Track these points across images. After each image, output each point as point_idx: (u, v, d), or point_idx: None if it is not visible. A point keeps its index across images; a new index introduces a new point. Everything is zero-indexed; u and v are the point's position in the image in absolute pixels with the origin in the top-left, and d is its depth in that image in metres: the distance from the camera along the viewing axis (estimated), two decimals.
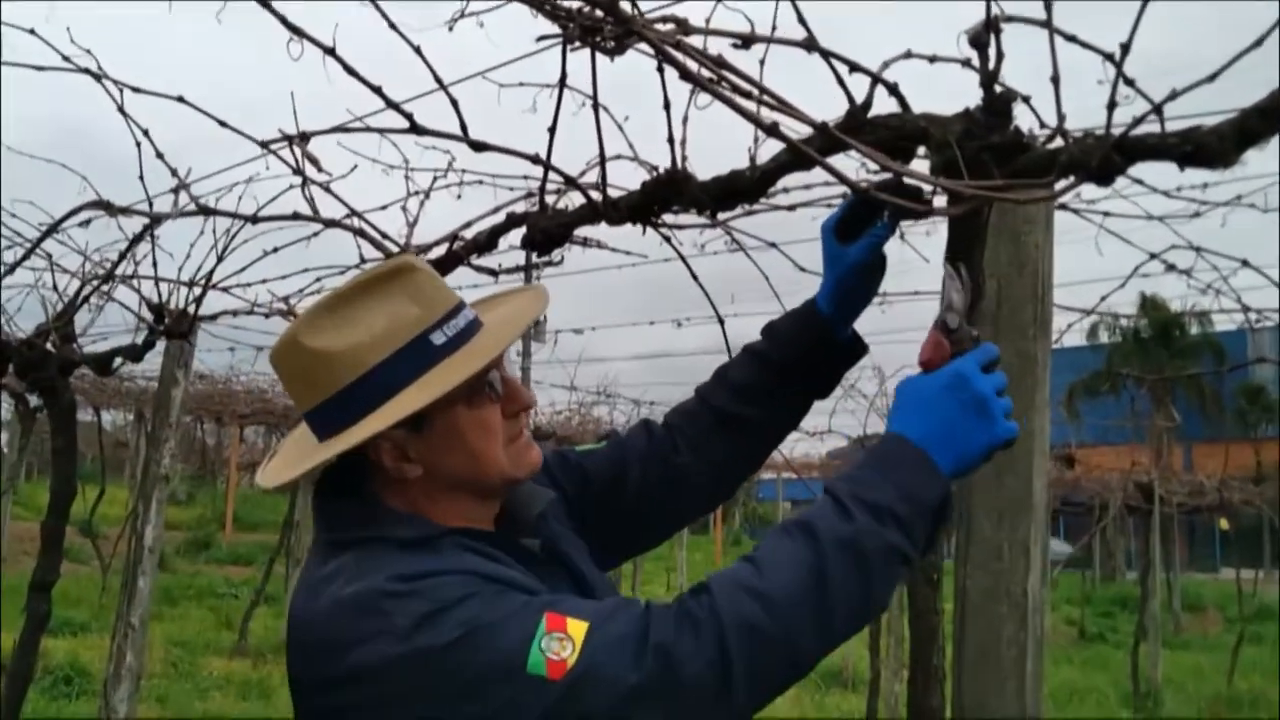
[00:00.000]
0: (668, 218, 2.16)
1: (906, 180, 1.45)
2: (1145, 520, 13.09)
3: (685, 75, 1.27)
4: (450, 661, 1.16)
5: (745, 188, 1.81)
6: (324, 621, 1.24)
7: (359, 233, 2.49)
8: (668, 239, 2.41)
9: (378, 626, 1.19)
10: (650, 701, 1.15)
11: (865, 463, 1.35)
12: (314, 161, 2.07)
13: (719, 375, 1.76)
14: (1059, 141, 1.46)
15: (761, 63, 1.81)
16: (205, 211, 2.67)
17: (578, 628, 1.18)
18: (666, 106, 1.87)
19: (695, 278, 2.54)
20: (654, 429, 1.75)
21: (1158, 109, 1.35)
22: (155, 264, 3.34)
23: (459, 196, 2.80)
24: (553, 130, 2.00)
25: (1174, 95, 1.31)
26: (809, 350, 1.69)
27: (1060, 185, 1.45)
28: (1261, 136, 1.31)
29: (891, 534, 1.26)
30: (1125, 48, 1.31)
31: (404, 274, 1.40)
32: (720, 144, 2.06)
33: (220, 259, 3.16)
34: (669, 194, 1.92)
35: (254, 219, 2.58)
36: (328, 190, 2.36)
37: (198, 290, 3.36)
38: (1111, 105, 1.34)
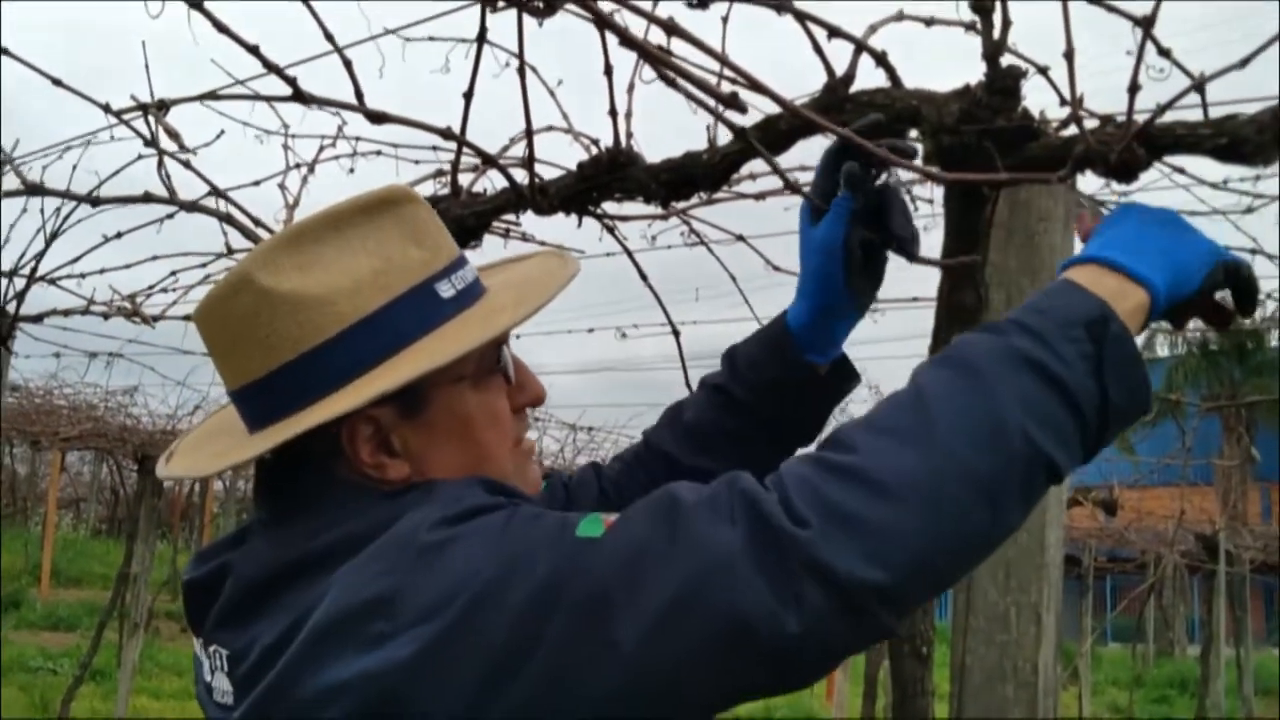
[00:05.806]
0: (610, 206, 2.22)
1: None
2: (1209, 581, 13.27)
3: (627, 41, 1.35)
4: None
5: (703, 174, 1.88)
6: None
7: (225, 217, 2.54)
8: (610, 230, 2.48)
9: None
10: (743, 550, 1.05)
11: None
12: (174, 136, 2.11)
13: (670, 415, 1.72)
14: (1075, 128, 1.55)
15: (725, 20, 1.91)
16: (34, 191, 2.70)
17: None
18: (608, 72, 1.94)
19: (644, 278, 2.61)
20: (604, 476, 1.72)
21: (1199, 86, 1.44)
22: None
23: (351, 171, 2.86)
24: (469, 96, 2.04)
25: (1204, 80, 1.41)
26: (778, 381, 1.61)
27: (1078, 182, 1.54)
28: None
29: (1013, 339, 1.17)
30: (1150, 20, 1.41)
31: (396, 205, 1.31)
32: (676, 119, 2.13)
33: (48, 244, 3.18)
34: (610, 179, 1.98)
35: (93, 200, 2.61)
36: (187, 166, 2.39)
37: (20, 283, 3.38)
38: (1134, 88, 1.44)
